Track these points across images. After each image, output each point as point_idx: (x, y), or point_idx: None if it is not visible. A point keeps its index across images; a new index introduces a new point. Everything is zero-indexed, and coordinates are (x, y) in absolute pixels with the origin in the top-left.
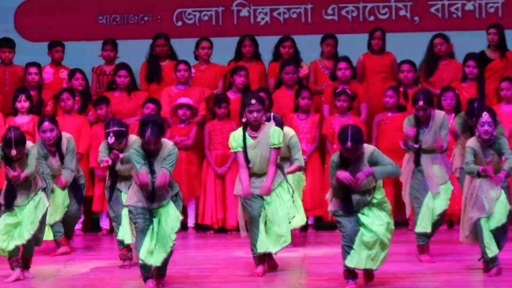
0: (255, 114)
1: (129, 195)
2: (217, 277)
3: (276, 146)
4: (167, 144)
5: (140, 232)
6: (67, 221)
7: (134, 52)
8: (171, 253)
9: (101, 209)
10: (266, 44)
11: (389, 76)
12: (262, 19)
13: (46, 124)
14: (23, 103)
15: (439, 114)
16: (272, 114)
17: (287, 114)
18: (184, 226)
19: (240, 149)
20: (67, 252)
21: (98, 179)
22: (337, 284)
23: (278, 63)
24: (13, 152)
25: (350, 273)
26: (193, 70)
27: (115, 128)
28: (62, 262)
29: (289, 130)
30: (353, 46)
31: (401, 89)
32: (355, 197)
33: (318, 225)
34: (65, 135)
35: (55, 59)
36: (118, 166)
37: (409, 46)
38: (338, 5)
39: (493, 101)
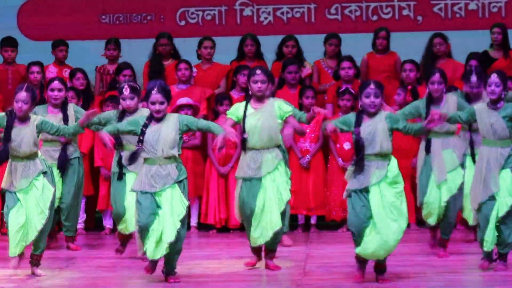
0: (259, 84)
1: (136, 180)
2: (220, 276)
3: (289, 113)
4: (172, 115)
5: (143, 229)
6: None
7: (137, 52)
8: (178, 251)
9: (106, 208)
10: (269, 44)
11: (393, 76)
12: (265, 18)
13: (56, 83)
14: None
15: (451, 97)
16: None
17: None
18: (187, 225)
19: (235, 118)
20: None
21: (103, 178)
22: (339, 284)
23: (281, 62)
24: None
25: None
26: (195, 70)
27: (131, 83)
28: (64, 260)
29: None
30: (356, 45)
31: (409, 87)
32: (371, 165)
33: (321, 225)
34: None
35: (58, 58)
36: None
37: (412, 46)
38: (341, 5)
39: None
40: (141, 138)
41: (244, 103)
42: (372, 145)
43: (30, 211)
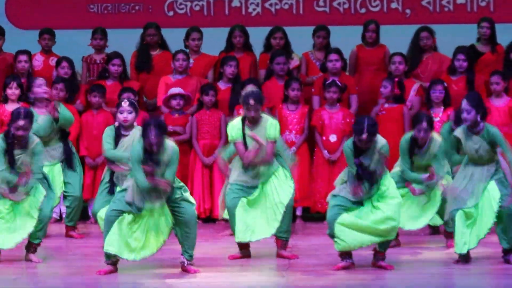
0: (252, 113)
1: (126, 184)
2: (205, 267)
3: (271, 139)
4: (169, 145)
5: (110, 223)
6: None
7: (125, 42)
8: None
9: (91, 197)
10: (257, 35)
11: (382, 68)
12: (254, 9)
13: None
14: (14, 90)
15: (435, 142)
16: None
17: (276, 105)
18: None
19: (240, 139)
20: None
21: (88, 167)
22: (324, 275)
23: (269, 54)
24: None
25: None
26: (192, 60)
27: (131, 99)
28: (49, 249)
29: None
30: (345, 38)
31: (396, 79)
32: (364, 186)
33: (306, 216)
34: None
35: (42, 46)
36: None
37: (400, 39)
38: None
39: (483, 95)
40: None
41: (240, 123)
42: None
43: (21, 215)
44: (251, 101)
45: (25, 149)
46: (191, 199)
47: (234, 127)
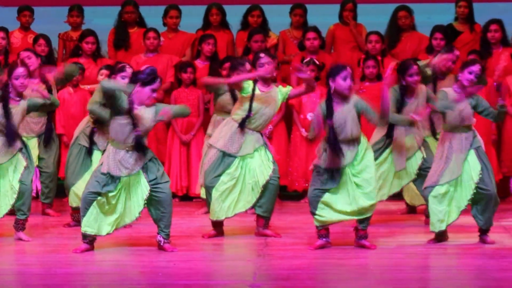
0: (266, 66)
1: (100, 161)
2: (181, 245)
3: (289, 90)
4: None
5: (87, 204)
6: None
7: (101, 19)
8: None
9: None
10: (235, 13)
11: (358, 47)
12: None
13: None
14: None
15: (421, 87)
16: None
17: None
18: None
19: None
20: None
21: (64, 145)
22: (301, 254)
23: (246, 32)
24: None
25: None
26: (162, 39)
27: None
28: (27, 228)
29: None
30: (322, 16)
31: (379, 58)
32: (343, 147)
33: (283, 195)
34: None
35: (23, 24)
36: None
37: (377, 18)
38: None
39: None
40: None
41: (251, 82)
42: (343, 132)
43: (3, 187)
44: (261, 54)
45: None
46: (165, 176)
47: (249, 84)
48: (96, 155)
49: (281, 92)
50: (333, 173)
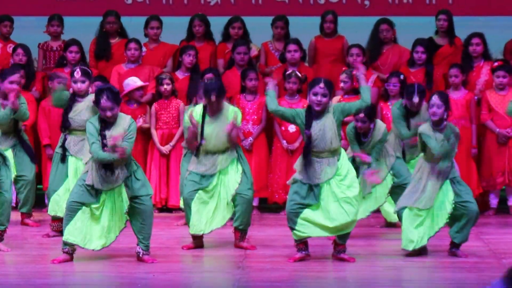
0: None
1: (86, 168)
2: (161, 257)
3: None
4: (125, 117)
5: (71, 213)
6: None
7: (82, 29)
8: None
9: None
10: (216, 25)
11: (340, 59)
12: None
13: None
14: None
15: (380, 127)
16: None
17: (235, 95)
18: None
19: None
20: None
21: (47, 157)
22: (280, 266)
23: (227, 44)
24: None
25: (300, 245)
26: (144, 49)
27: (83, 67)
28: (4, 237)
29: None
30: (304, 28)
31: (354, 72)
32: (322, 162)
33: (263, 207)
34: None
35: (3, 33)
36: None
37: (358, 30)
38: None
39: (441, 87)
40: (105, 142)
41: (200, 109)
42: (322, 142)
43: None
44: (213, 98)
45: None
46: (149, 187)
47: (197, 113)
48: (70, 161)
49: (231, 115)
50: (313, 188)
